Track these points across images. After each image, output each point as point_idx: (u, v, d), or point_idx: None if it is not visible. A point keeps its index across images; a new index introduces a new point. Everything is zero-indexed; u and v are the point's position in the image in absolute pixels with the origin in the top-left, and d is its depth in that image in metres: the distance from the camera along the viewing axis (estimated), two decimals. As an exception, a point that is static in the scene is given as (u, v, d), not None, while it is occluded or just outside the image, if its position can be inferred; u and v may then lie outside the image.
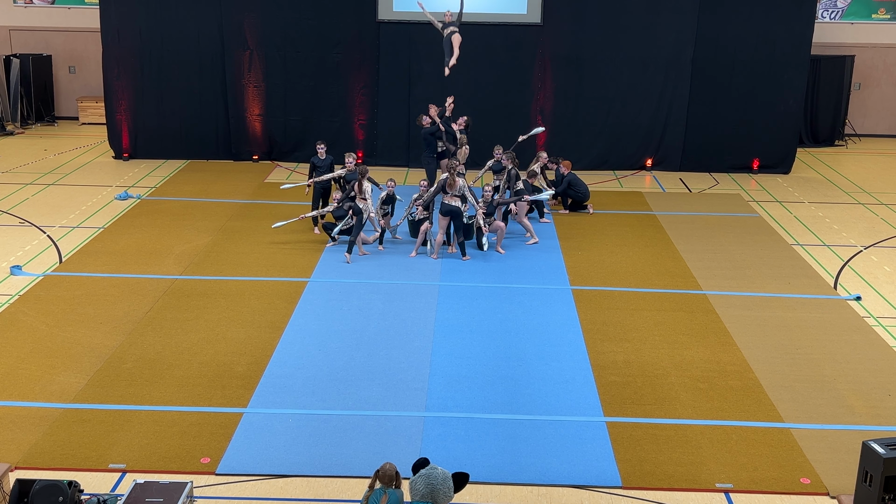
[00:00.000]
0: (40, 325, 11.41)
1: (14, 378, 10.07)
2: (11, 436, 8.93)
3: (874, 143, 23.54)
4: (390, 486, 6.87)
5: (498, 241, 14.45)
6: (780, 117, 19.70)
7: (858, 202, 17.98)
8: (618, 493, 8.33)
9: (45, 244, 14.47)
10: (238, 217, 15.94)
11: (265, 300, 12.35)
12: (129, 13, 19.36)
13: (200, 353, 10.77)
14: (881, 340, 11.55)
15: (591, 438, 9.12)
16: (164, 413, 9.43)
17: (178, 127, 19.96)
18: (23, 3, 23.47)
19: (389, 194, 14.44)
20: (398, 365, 10.55)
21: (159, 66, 19.66)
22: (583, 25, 19.25)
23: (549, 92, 19.66)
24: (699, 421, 9.52)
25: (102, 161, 19.99)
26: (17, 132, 22.62)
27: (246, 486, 8.29)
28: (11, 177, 18.40)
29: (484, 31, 19.31)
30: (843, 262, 14.42)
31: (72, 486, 7.49)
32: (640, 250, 14.65)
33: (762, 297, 12.84)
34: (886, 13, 23.24)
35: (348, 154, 14.94)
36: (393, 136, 19.81)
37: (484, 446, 8.94)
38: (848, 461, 8.68)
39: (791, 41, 19.26)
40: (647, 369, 10.61)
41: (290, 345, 11.03)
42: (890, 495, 7.55)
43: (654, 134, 19.88)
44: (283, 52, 19.52)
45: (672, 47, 19.32)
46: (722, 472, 8.63)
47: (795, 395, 10.10)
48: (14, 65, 22.87)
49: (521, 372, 10.48)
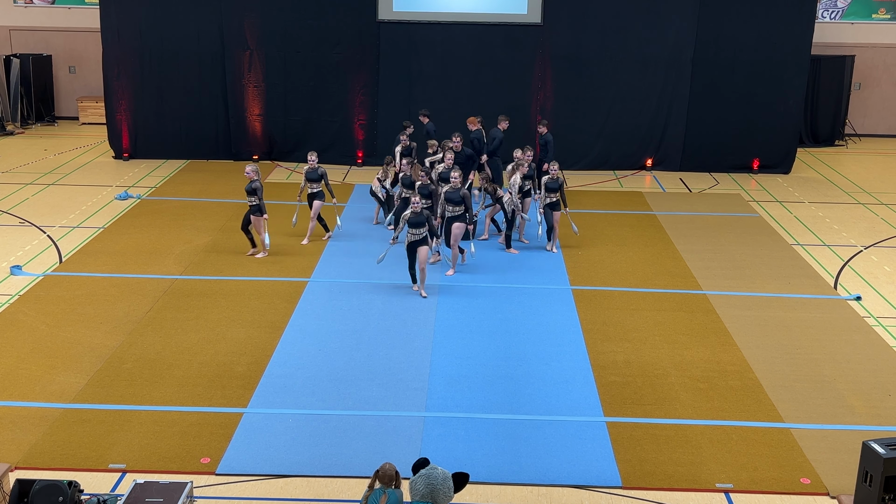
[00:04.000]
0: (40, 325, 11.41)
1: (14, 378, 10.07)
2: (11, 436, 8.93)
3: (874, 143, 23.54)
4: (390, 486, 6.87)
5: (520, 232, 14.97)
6: (780, 117, 19.70)
7: (858, 202, 17.98)
8: (618, 493, 8.33)
9: (45, 244, 14.47)
10: (238, 217, 15.90)
11: (265, 300, 12.35)
12: (129, 13, 19.37)
13: (200, 353, 10.77)
14: (881, 340, 11.55)
15: (591, 438, 9.12)
16: (164, 413, 9.43)
17: (178, 127, 19.96)
18: (23, 3, 23.47)
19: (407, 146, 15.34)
20: (398, 365, 10.55)
21: (159, 67, 19.67)
22: (583, 25, 19.26)
23: (549, 92, 19.66)
24: (699, 421, 9.52)
25: (102, 161, 19.99)
26: (17, 132, 22.63)
27: (246, 486, 8.29)
28: (11, 177, 18.40)
29: (484, 31, 19.34)
30: (843, 262, 14.41)
31: (72, 486, 7.49)
32: (640, 250, 14.65)
33: (762, 297, 12.84)
34: (886, 13, 23.23)
35: (311, 153, 14.68)
36: (393, 135, 19.78)
37: (484, 446, 8.94)
38: (848, 461, 8.68)
39: (791, 41, 19.27)
40: (647, 369, 10.61)
41: (290, 345, 11.03)
42: (890, 495, 7.55)
43: (654, 134, 19.88)
44: (283, 52, 19.52)
45: (672, 47, 19.33)
46: (722, 472, 8.63)
47: (795, 395, 10.10)
48: (14, 65, 22.87)
49: (521, 372, 10.48)
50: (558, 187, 14.29)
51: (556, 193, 14.31)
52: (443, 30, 19.44)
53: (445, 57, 19.61)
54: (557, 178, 14.28)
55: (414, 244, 12.48)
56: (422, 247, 12.43)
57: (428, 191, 13.48)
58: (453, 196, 13.38)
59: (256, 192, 13.50)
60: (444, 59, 19.63)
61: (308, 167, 14.54)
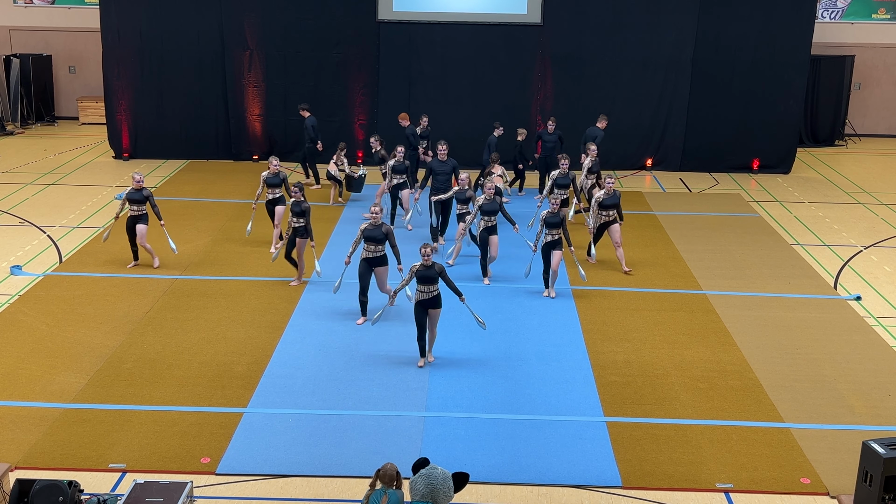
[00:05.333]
0: (40, 325, 11.41)
1: (14, 378, 10.06)
2: (11, 436, 8.93)
3: (874, 143, 23.54)
4: (391, 486, 6.87)
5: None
6: (780, 117, 19.71)
7: (858, 202, 17.98)
8: (618, 493, 8.33)
9: (45, 244, 14.47)
10: (238, 217, 15.93)
11: (265, 300, 12.35)
12: (129, 13, 19.37)
13: (200, 353, 10.77)
14: (881, 340, 11.55)
15: (591, 438, 9.12)
16: (164, 413, 9.43)
17: (178, 127, 19.97)
18: (23, 3, 23.47)
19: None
20: (398, 365, 10.55)
21: (159, 67, 19.67)
22: (583, 25, 19.26)
23: (549, 92, 19.66)
24: (699, 421, 9.52)
25: (102, 161, 19.99)
26: (17, 132, 22.63)
27: (246, 486, 8.29)
28: (11, 177, 18.40)
29: (484, 31, 19.34)
30: (843, 262, 14.41)
31: (72, 486, 7.49)
32: (640, 250, 14.64)
33: (762, 297, 12.84)
34: (886, 13, 23.23)
35: (272, 157, 14.23)
36: (393, 135, 19.78)
37: (484, 446, 8.94)
38: (848, 461, 8.68)
39: (791, 41, 19.27)
40: (647, 369, 10.61)
41: (290, 345, 11.03)
42: (890, 495, 7.55)
43: (654, 134, 19.88)
44: (283, 52, 19.53)
45: (672, 47, 19.33)
46: (722, 472, 8.63)
47: (795, 395, 10.10)
48: (14, 65, 22.87)
49: (521, 372, 10.48)
50: (559, 222, 12.45)
51: (557, 229, 12.49)
52: (443, 30, 19.44)
53: (445, 57, 19.61)
54: (558, 212, 12.41)
55: (424, 303, 10.37)
56: (435, 309, 10.44)
57: (465, 196, 13.56)
58: (489, 207, 12.84)
59: (305, 213, 12.44)
60: (444, 59, 19.63)
61: (269, 172, 13.94)
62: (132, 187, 13.21)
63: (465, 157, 18.78)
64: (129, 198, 13.21)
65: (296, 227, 12.49)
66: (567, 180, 14.46)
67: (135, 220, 13.20)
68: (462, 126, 19.28)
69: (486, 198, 12.89)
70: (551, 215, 12.41)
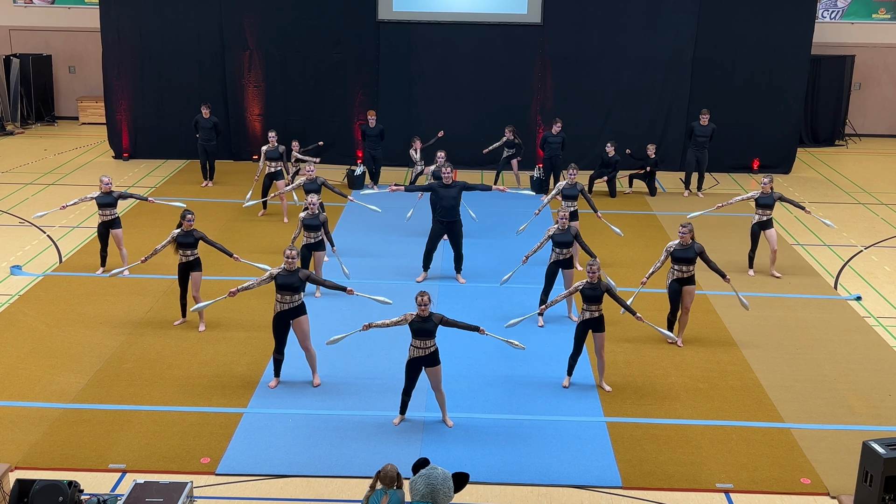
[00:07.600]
0: (40, 325, 11.41)
1: (14, 378, 10.06)
2: (11, 436, 8.93)
3: (874, 143, 23.53)
4: (391, 487, 6.87)
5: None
6: (780, 117, 19.70)
7: (858, 202, 17.97)
8: (618, 493, 8.33)
9: (45, 244, 14.46)
10: (238, 217, 15.93)
11: (265, 300, 12.33)
12: (129, 13, 19.37)
13: (200, 353, 10.77)
14: (881, 340, 11.55)
15: (591, 438, 9.12)
16: (164, 413, 9.43)
17: (178, 127, 19.94)
18: (23, 3, 23.46)
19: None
20: (398, 365, 10.54)
21: (159, 66, 19.66)
22: (583, 25, 19.25)
23: (549, 92, 19.66)
24: (699, 421, 9.52)
25: (102, 161, 19.99)
26: (17, 132, 22.62)
27: (246, 486, 8.29)
28: (11, 177, 18.40)
29: (484, 31, 19.32)
30: (843, 262, 14.41)
31: (72, 486, 7.49)
32: (640, 250, 14.64)
33: (762, 297, 12.83)
34: (886, 13, 23.22)
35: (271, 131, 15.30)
36: (393, 135, 19.80)
37: (484, 446, 8.94)
38: (848, 461, 8.68)
39: (791, 41, 19.26)
40: (647, 369, 10.61)
41: (290, 345, 11.01)
42: (890, 495, 7.55)
43: (654, 134, 19.86)
44: (283, 52, 19.52)
45: (672, 47, 19.32)
46: (722, 472, 8.63)
47: (795, 395, 10.10)
48: (14, 65, 22.86)
49: (521, 372, 10.48)
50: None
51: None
52: (443, 30, 19.43)
53: (445, 57, 19.60)
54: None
55: (419, 361, 9.22)
56: (433, 367, 9.24)
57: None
58: (562, 238, 11.53)
59: (324, 225, 12.13)
60: (444, 59, 19.62)
61: (268, 147, 14.66)
62: (101, 191, 12.78)
63: (464, 157, 18.85)
64: (100, 202, 12.77)
65: (312, 242, 12.20)
66: (575, 191, 13.44)
67: (107, 224, 12.86)
68: (462, 126, 19.28)
69: (559, 228, 11.51)
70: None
